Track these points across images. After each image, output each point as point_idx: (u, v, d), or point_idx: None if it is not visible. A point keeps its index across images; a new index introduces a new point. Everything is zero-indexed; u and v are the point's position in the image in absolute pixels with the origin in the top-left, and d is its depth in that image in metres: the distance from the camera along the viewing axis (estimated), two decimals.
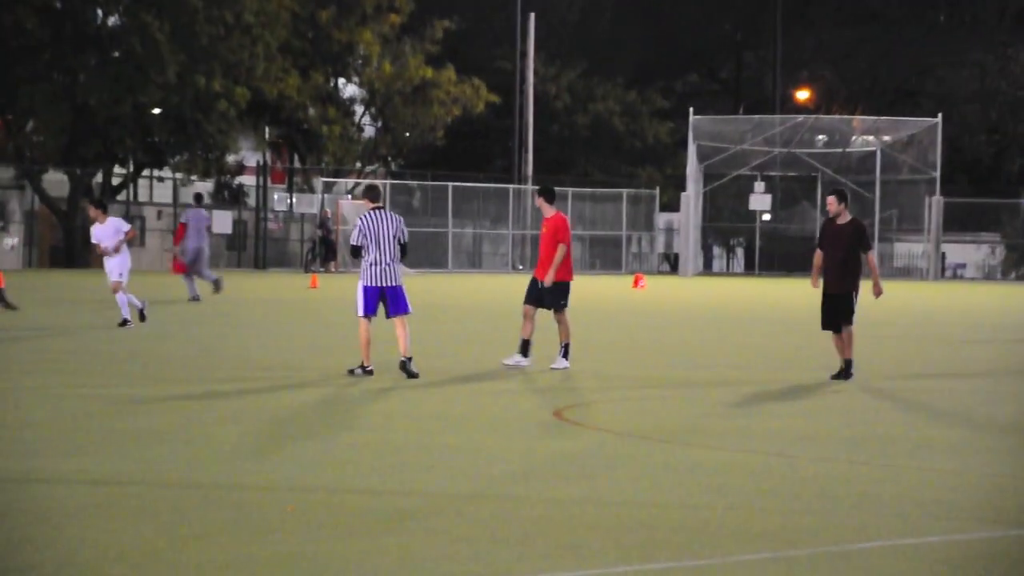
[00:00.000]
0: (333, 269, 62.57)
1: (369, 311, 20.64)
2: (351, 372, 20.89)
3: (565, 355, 21.84)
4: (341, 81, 70.64)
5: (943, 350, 30.87)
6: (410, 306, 21.07)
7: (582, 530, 10.71)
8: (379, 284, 20.58)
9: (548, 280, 22.32)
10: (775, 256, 76.06)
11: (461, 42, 73.13)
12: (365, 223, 20.84)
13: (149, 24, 58.48)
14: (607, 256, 72.89)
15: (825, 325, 20.93)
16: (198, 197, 38.80)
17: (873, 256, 21.20)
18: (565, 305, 22.02)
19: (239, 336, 29.84)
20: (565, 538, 10.49)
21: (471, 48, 74.16)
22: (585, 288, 53.62)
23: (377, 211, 21.12)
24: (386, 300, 20.65)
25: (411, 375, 20.52)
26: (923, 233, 72.38)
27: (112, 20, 61.88)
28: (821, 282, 20.95)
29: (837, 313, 20.67)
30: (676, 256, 73.62)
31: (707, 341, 31.14)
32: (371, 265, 20.69)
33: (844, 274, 20.59)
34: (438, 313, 36.22)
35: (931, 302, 50.64)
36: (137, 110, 61.10)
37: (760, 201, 70.72)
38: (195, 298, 36.50)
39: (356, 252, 21.23)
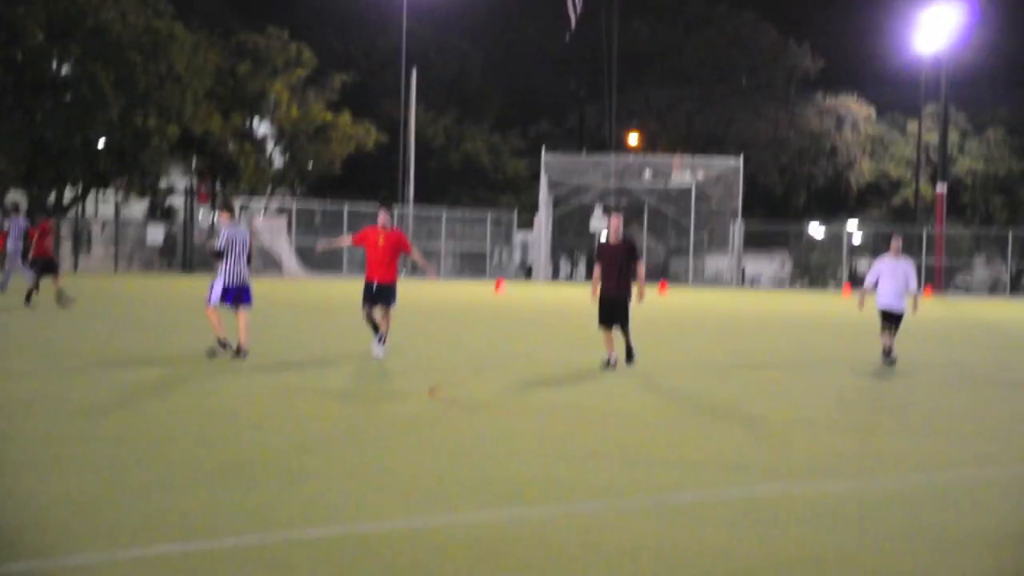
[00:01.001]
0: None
1: (226, 300, 20.86)
2: (213, 350, 21.01)
3: (382, 342, 21.45)
4: (256, 121, 70.10)
5: (735, 341, 31.14)
6: (252, 300, 21.30)
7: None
8: (234, 283, 20.78)
9: (430, 273, 23.21)
10: None
11: (356, 92, 72.59)
12: (228, 234, 21.06)
13: (96, 73, 58.28)
14: (474, 266, 72.78)
15: (603, 322, 20.67)
16: (15, 207, 35.70)
17: (641, 266, 20.84)
18: (394, 301, 21.74)
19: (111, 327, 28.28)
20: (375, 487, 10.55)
21: (364, 96, 73.65)
22: (457, 291, 54.19)
23: (234, 226, 21.50)
24: (237, 294, 20.85)
25: (240, 354, 20.62)
26: (728, 251, 73.40)
27: (65, 69, 60.99)
28: (599, 289, 20.71)
29: (615, 315, 20.53)
30: (531, 266, 74.33)
31: (548, 330, 31.47)
32: (230, 267, 20.83)
33: (620, 283, 20.46)
34: (320, 309, 35.27)
35: (731, 304, 51.28)
36: (85, 143, 60.78)
37: (598, 223, 70.35)
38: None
39: (219, 256, 20.95)
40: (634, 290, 20.57)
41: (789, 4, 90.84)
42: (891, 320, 22.96)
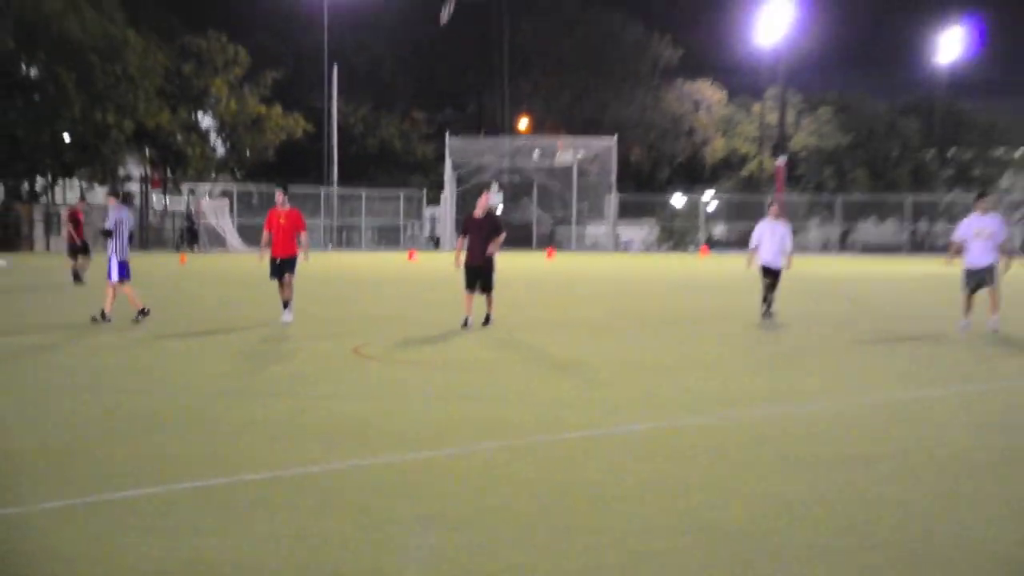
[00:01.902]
0: (196, 250, 62.30)
1: (122, 275, 20.50)
2: (94, 319, 20.56)
3: (287, 307, 21.01)
4: (200, 115, 69.61)
5: (611, 299, 30.65)
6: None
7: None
8: (124, 257, 20.43)
9: (303, 255, 21.20)
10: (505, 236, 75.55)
11: (285, 87, 72.34)
12: (117, 215, 20.55)
13: (61, 75, 58.01)
14: (389, 238, 72.91)
15: (469, 287, 20.15)
16: None
17: (501, 237, 20.07)
18: (293, 271, 21.06)
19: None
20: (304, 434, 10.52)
21: (292, 91, 73.34)
22: (374, 261, 53.96)
23: (121, 208, 20.91)
24: (126, 268, 20.51)
25: (143, 314, 20.60)
26: (605, 220, 74.47)
27: (33, 72, 60.52)
28: (463, 257, 20.30)
29: (480, 280, 20.11)
30: (438, 237, 74.37)
31: (446, 292, 28.66)
32: (121, 244, 20.46)
33: (483, 252, 19.97)
34: (251, 281, 33.12)
35: (608, 267, 50.85)
36: (53, 137, 60.45)
37: (495, 199, 70.35)
38: None
39: (108, 234, 20.53)
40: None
41: (652, 2, 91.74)
42: (771, 275, 22.55)
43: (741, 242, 73.72)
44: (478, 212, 20.18)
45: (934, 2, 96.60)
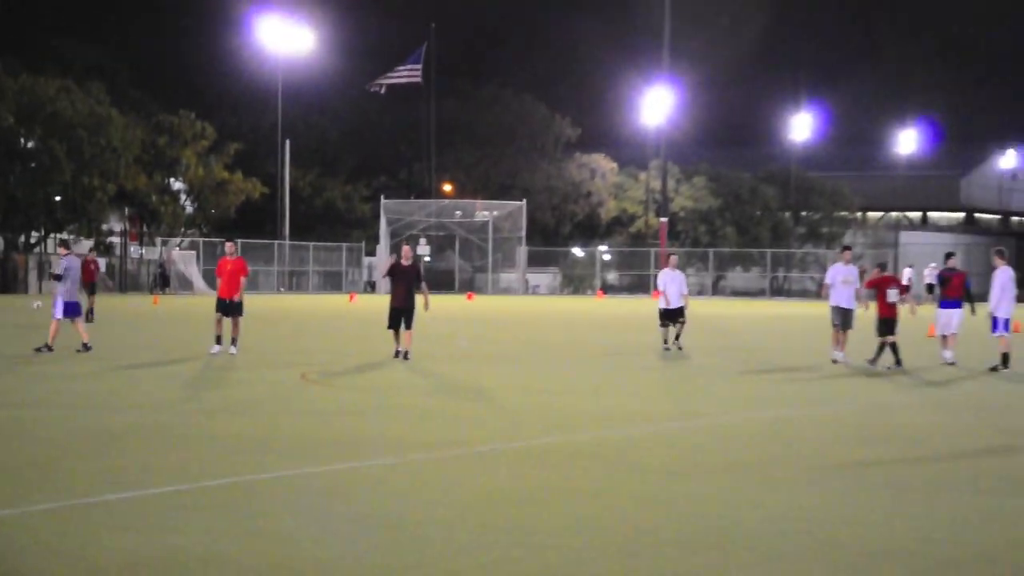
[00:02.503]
0: (167, 292, 61.27)
1: (67, 314, 20.18)
2: (38, 350, 20.05)
3: (234, 343, 20.45)
4: (172, 180, 68.72)
5: (522, 332, 30.61)
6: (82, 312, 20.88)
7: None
8: (72, 299, 20.21)
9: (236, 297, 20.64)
10: (432, 281, 74.70)
11: (245, 156, 71.47)
12: (67, 263, 20.40)
13: (54, 146, 57.42)
14: (333, 283, 72.15)
15: (392, 326, 19.69)
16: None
17: (424, 286, 19.73)
18: (241, 314, 20.70)
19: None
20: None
21: (251, 159, 72.39)
22: (319, 302, 53.70)
23: (71, 257, 20.72)
24: (74, 309, 20.24)
25: (86, 348, 20.15)
26: (516, 268, 73.81)
27: (30, 143, 60.07)
28: (391, 298, 19.81)
29: (402, 320, 19.56)
30: (374, 282, 72.21)
31: (375, 328, 29.84)
32: (69, 288, 20.22)
33: (408, 296, 19.51)
34: (202, 318, 33.67)
35: (518, 307, 50.89)
36: (46, 199, 59.59)
37: (424, 250, 69.83)
38: None
39: (59, 278, 20.33)
40: (420, 301, 19.65)
41: (556, 87, 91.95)
42: (673, 314, 22.79)
43: (631, 287, 74.22)
44: (404, 260, 19.70)
45: (788, 91, 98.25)
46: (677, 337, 22.76)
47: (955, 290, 20.30)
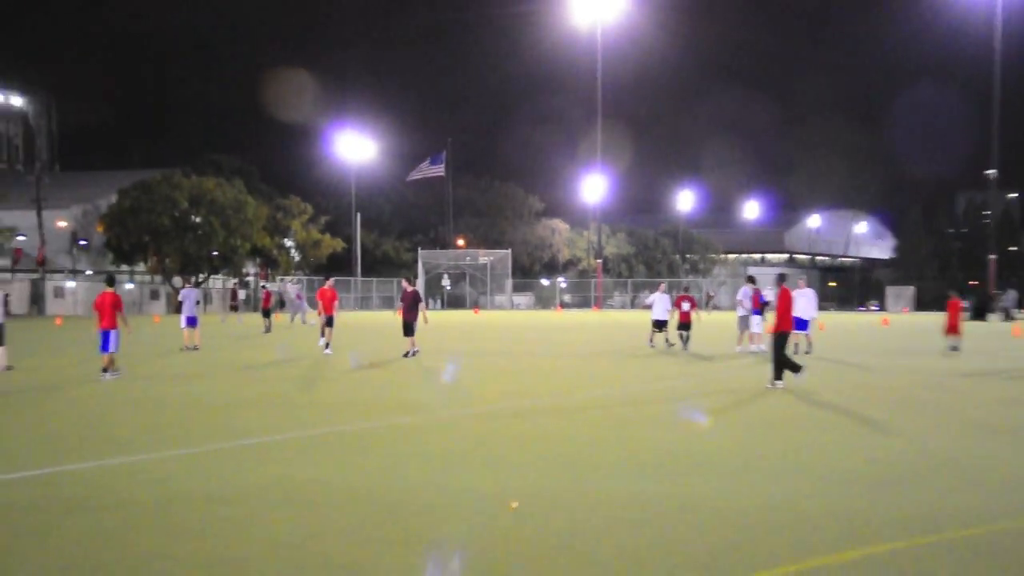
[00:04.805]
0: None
1: (188, 325, 17.84)
2: (183, 349, 17.96)
3: (328, 346, 18.79)
4: (285, 240, 68.41)
5: (505, 338, 26.24)
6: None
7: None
8: (192, 314, 17.65)
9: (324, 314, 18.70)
10: (451, 302, 73.32)
11: (331, 223, 71.46)
12: (186, 292, 18.24)
13: (212, 220, 57.75)
14: (388, 304, 68.51)
15: (406, 333, 17.76)
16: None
17: (423, 306, 17.66)
18: (331, 325, 18.99)
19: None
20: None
21: (335, 225, 72.20)
22: (378, 317, 48.38)
23: (190, 288, 18.90)
24: (192, 322, 17.67)
25: (195, 348, 18.18)
26: (505, 293, 72.98)
27: (198, 219, 59.42)
28: (401, 314, 17.97)
29: (407, 329, 17.75)
30: None
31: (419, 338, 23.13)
32: (189, 308, 18.11)
33: (411, 313, 17.74)
34: (304, 331, 28.26)
35: (507, 319, 48.28)
36: (208, 254, 59.40)
37: (446, 282, 70.29)
38: None
39: (180, 304, 18.48)
40: (421, 316, 18.16)
41: (528, 176, 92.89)
42: (662, 326, 20.52)
43: (579, 304, 72.68)
44: (409, 290, 18.09)
45: (678, 175, 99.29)
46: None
47: (754, 303, 19.48)
